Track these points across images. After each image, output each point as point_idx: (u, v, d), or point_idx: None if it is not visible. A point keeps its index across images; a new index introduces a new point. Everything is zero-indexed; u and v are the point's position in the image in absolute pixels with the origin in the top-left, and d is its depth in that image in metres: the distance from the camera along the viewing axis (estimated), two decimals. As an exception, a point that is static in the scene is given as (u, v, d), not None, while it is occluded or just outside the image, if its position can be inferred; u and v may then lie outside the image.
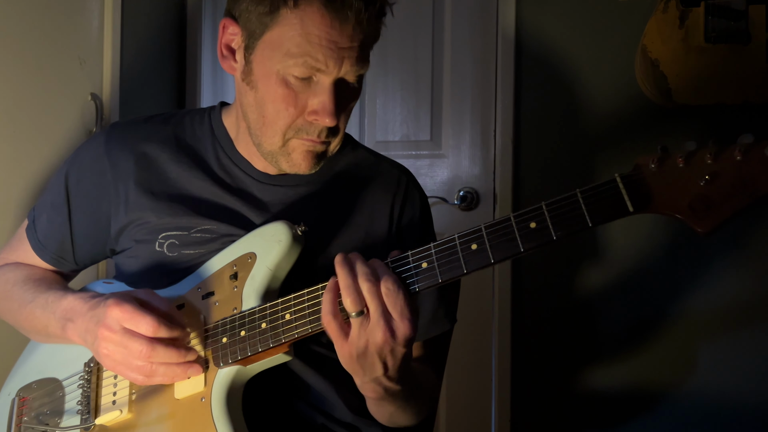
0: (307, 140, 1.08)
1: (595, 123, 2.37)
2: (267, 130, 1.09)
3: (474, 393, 2.44)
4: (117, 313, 1.00)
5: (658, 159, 0.89)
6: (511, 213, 0.94)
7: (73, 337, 1.09)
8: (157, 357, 1.00)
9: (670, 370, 2.32)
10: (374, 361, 0.95)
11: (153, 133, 1.22)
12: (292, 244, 1.07)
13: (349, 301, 0.93)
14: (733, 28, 2.08)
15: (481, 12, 2.46)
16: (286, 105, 1.06)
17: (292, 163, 1.11)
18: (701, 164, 0.86)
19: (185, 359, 1.03)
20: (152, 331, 0.99)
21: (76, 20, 2.06)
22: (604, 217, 0.89)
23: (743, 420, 2.25)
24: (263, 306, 1.04)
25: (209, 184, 1.18)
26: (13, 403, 1.22)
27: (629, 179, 0.89)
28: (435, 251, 0.96)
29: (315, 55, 1.01)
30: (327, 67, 1.02)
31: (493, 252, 0.93)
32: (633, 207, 0.88)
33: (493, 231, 0.93)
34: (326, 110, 1.04)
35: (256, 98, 1.08)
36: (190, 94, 2.68)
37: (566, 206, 0.90)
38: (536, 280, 2.43)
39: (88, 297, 1.08)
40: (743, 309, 2.25)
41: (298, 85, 1.05)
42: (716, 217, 0.85)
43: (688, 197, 0.86)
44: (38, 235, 1.25)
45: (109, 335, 1.01)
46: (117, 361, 1.02)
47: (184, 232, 1.16)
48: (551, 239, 0.90)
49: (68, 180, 1.22)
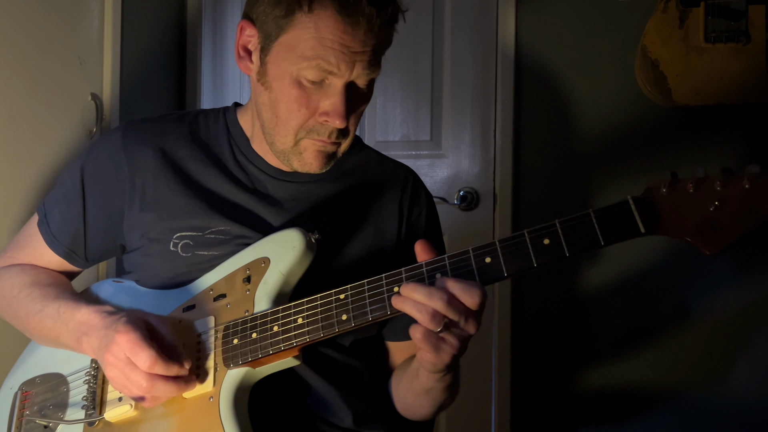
0: (318, 140, 1.11)
1: (594, 123, 2.38)
2: (280, 129, 1.12)
3: (474, 393, 2.44)
4: (123, 341, 1.00)
5: (669, 184, 0.93)
6: (524, 227, 0.97)
7: (87, 350, 1.09)
8: (155, 391, 1.01)
9: (670, 370, 2.33)
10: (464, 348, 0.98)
11: (169, 130, 1.23)
12: (306, 251, 1.08)
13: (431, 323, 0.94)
14: (733, 28, 2.08)
15: (480, 12, 2.46)
16: (299, 106, 1.09)
17: (303, 162, 1.14)
18: (710, 191, 0.92)
19: (183, 392, 1.04)
20: (147, 367, 1.00)
21: (76, 20, 2.06)
22: (617, 237, 0.93)
23: (742, 420, 2.26)
24: (275, 309, 1.05)
25: (224, 181, 1.19)
26: (15, 397, 1.21)
27: (641, 202, 0.93)
28: (449, 263, 0.98)
29: (328, 59, 1.04)
30: (339, 70, 1.05)
31: (507, 266, 0.96)
32: (645, 228, 0.92)
33: (507, 246, 0.96)
34: (337, 112, 1.08)
35: (270, 98, 1.11)
36: (190, 94, 2.67)
37: (579, 225, 0.94)
38: (536, 279, 2.43)
39: (103, 312, 1.09)
40: (742, 309, 2.26)
41: (311, 87, 1.08)
42: (722, 240, 0.91)
43: (697, 221, 0.92)
44: (51, 228, 1.24)
45: (113, 361, 1.02)
46: (121, 386, 1.04)
47: (199, 233, 1.16)
48: (564, 256, 0.94)
49: (84, 173, 1.23)
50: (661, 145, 2.29)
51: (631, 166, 2.32)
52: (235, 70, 2.68)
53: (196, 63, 2.67)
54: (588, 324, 2.39)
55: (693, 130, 2.27)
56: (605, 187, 2.35)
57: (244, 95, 2.66)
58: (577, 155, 2.39)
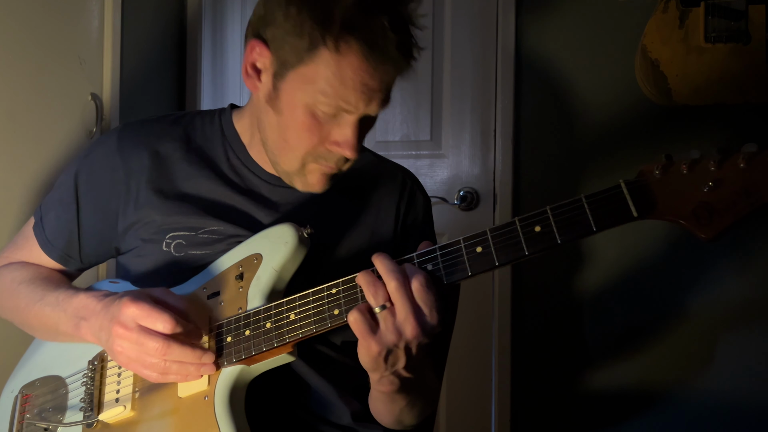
0: (325, 165, 1.11)
1: (594, 123, 2.37)
2: (287, 153, 1.11)
3: (474, 393, 2.44)
4: (133, 311, 1.00)
5: (662, 166, 0.90)
6: (516, 216, 0.95)
7: (86, 335, 1.09)
8: (172, 355, 1.01)
9: (670, 371, 2.32)
10: (400, 355, 0.96)
11: (165, 132, 1.23)
12: (298, 246, 1.07)
13: (371, 295, 0.95)
14: (733, 28, 2.08)
15: (481, 12, 2.46)
16: (310, 134, 1.07)
17: (306, 183, 1.13)
18: (705, 172, 0.88)
19: (200, 359, 1.03)
20: (170, 328, 0.99)
21: (76, 20, 2.06)
22: (609, 222, 0.91)
23: (742, 420, 2.26)
24: (268, 306, 1.05)
25: (218, 184, 1.19)
26: (15, 400, 1.22)
27: (634, 185, 0.91)
28: (440, 254, 0.97)
29: (347, 98, 1.03)
30: (357, 108, 1.04)
31: (498, 255, 0.94)
32: (637, 212, 0.89)
33: (498, 234, 0.95)
34: (348, 144, 1.07)
35: (279, 122, 1.10)
36: (190, 94, 2.68)
37: (571, 211, 0.92)
38: (536, 280, 2.43)
39: (101, 295, 1.09)
40: (742, 309, 2.26)
41: (324, 117, 1.06)
42: (719, 224, 0.87)
43: (692, 204, 0.88)
44: (46, 232, 1.25)
45: (123, 332, 1.01)
46: (131, 358, 1.02)
47: (192, 232, 1.16)
48: (556, 243, 0.92)
49: (78, 177, 1.23)
50: (662, 145, 2.29)
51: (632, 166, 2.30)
52: (235, 70, 2.69)
53: (196, 63, 2.67)
54: (588, 324, 2.39)
55: (693, 130, 2.26)
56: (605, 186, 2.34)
57: (244, 95, 2.67)
58: (577, 155, 2.39)
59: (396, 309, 0.94)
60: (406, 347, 0.95)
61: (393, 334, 0.94)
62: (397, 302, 0.94)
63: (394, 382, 1.02)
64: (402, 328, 0.94)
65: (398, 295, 0.93)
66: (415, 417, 1.15)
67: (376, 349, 0.95)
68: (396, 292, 0.93)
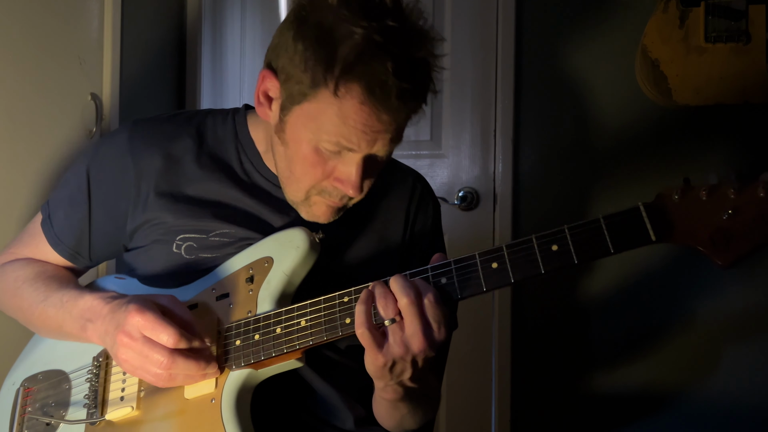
0: (329, 200, 1.10)
1: (595, 123, 2.38)
2: (292, 183, 1.10)
3: (474, 393, 2.44)
4: (138, 321, 1.00)
5: (681, 190, 0.90)
6: (533, 234, 0.94)
7: (92, 337, 1.09)
8: (176, 368, 1.00)
9: (670, 373, 2.32)
10: (406, 367, 0.97)
11: (177, 133, 1.21)
12: (309, 251, 1.07)
13: (381, 307, 0.95)
14: (733, 28, 2.08)
15: (481, 12, 2.46)
16: (314, 169, 1.06)
17: (311, 213, 1.12)
18: (724, 198, 0.89)
19: (205, 371, 1.03)
20: (173, 342, 0.99)
21: (76, 20, 2.05)
22: (627, 245, 0.91)
23: (742, 422, 2.26)
24: (279, 311, 1.04)
25: (230, 187, 1.18)
26: (17, 393, 1.21)
27: (652, 209, 0.91)
28: (455, 267, 0.97)
29: (349, 138, 1.01)
30: (359, 148, 1.03)
31: (514, 272, 0.94)
32: (655, 236, 0.89)
33: (515, 252, 0.95)
34: (351, 183, 1.05)
35: (286, 153, 1.09)
36: (189, 94, 2.67)
37: (589, 231, 0.92)
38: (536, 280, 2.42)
39: (108, 297, 1.08)
40: (744, 313, 2.26)
41: (329, 153, 1.05)
42: (736, 250, 0.88)
43: (710, 230, 0.89)
44: (54, 229, 1.24)
45: (128, 342, 1.01)
46: (135, 366, 1.02)
47: (203, 235, 1.15)
48: (572, 263, 0.92)
49: (90, 175, 1.21)
50: (662, 145, 2.29)
51: (632, 166, 2.32)
52: (235, 71, 2.68)
53: (196, 63, 2.66)
54: (588, 325, 2.39)
55: (693, 130, 2.27)
56: (605, 187, 2.34)
57: (244, 96, 2.66)
58: (577, 155, 2.39)
59: (405, 324, 0.94)
60: (413, 360, 0.96)
61: (400, 348, 0.94)
62: (407, 317, 0.94)
63: (398, 391, 1.03)
64: (409, 343, 0.94)
65: (409, 311, 0.94)
66: (417, 422, 1.17)
67: (383, 361, 0.96)
68: (407, 308, 0.94)
